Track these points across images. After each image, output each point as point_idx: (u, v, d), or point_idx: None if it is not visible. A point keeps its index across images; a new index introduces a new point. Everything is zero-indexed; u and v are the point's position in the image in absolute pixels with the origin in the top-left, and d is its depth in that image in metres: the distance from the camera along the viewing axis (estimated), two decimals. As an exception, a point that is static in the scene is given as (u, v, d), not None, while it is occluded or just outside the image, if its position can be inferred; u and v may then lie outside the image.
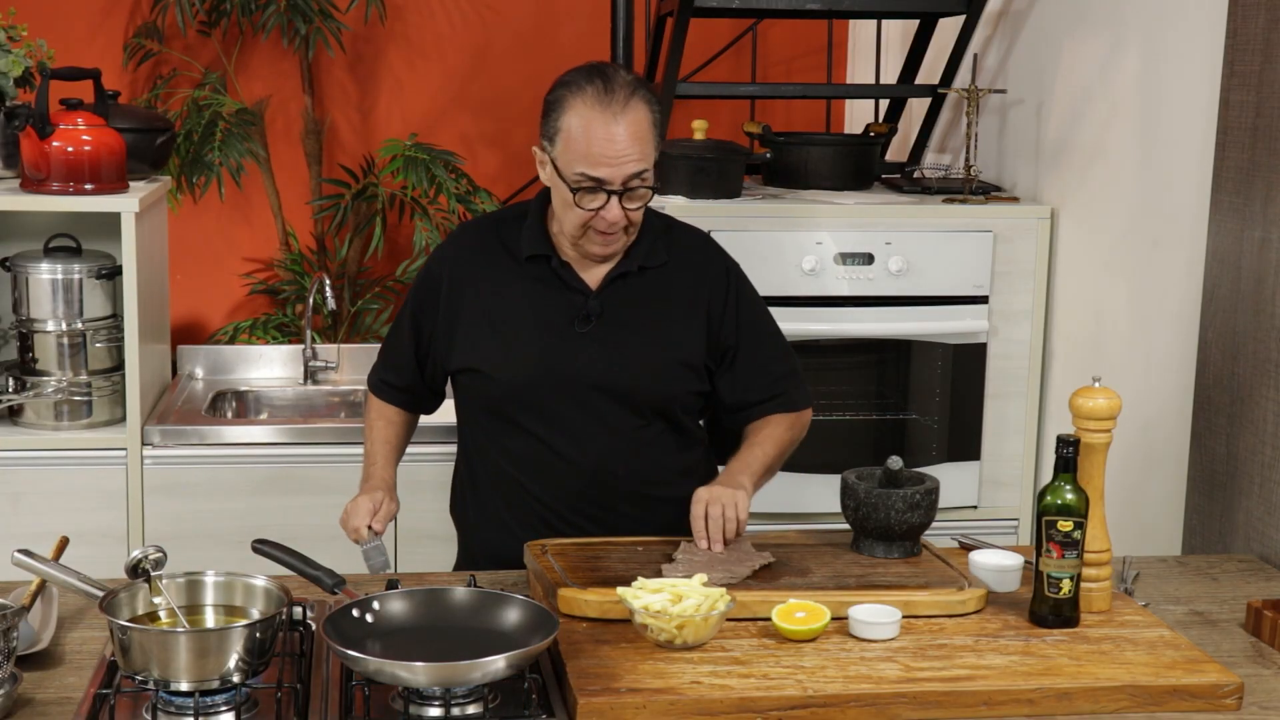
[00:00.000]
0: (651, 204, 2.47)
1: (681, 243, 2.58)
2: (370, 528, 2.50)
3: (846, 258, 3.53)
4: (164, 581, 1.98)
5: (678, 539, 2.40)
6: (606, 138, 2.34)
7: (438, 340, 2.56)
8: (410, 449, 3.56)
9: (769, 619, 2.10)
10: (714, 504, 2.35)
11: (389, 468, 2.64)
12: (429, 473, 3.57)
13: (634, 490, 2.53)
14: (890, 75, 4.39)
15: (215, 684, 1.84)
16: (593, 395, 2.49)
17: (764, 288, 3.39)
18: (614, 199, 2.37)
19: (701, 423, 2.67)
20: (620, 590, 2.08)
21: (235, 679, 1.85)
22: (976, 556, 2.33)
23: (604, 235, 2.42)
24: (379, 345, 4.32)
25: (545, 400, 2.49)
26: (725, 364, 2.57)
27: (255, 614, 1.98)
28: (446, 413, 2.73)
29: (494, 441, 2.55)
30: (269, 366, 4.21)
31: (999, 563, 2.30)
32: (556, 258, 2.49)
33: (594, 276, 2.51)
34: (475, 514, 2.62)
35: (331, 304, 4.11)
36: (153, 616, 1.96)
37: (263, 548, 2.27)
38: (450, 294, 2.53)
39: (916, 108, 4.28)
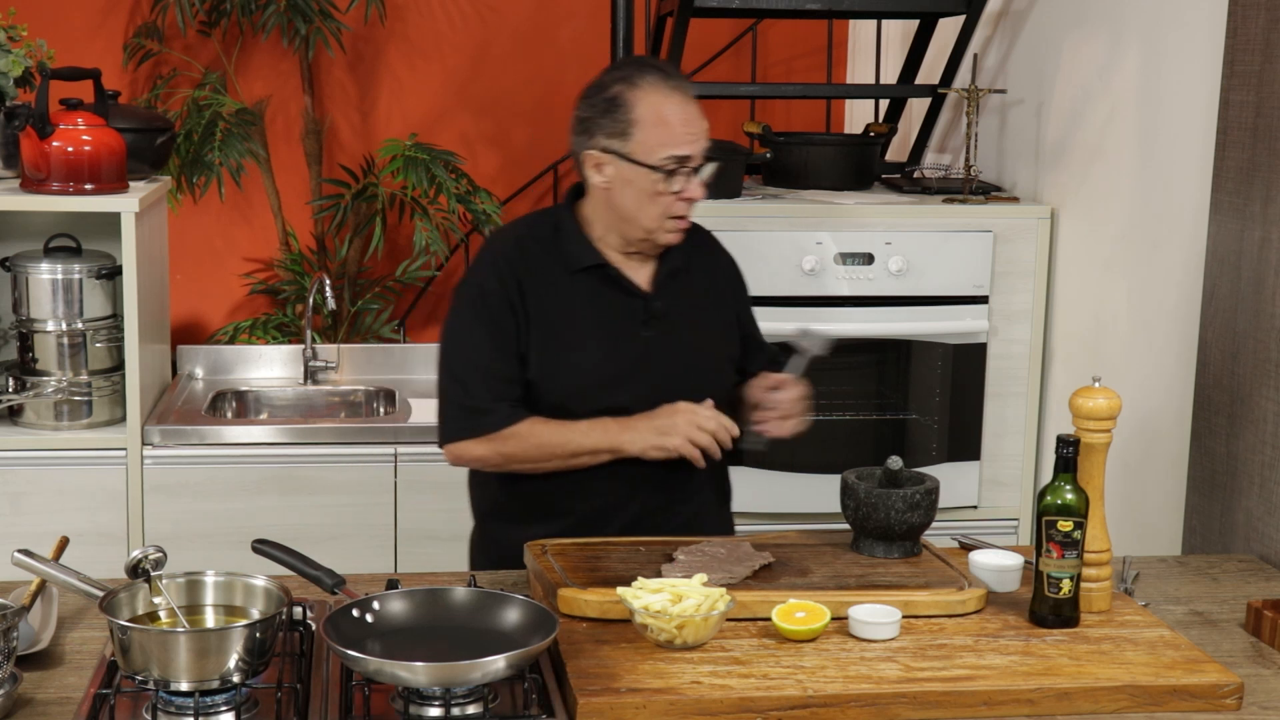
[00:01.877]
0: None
1: (693, 240, 2.61)
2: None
3: (846, 258, 3.53)
4: (164, 581, 1.98)
5: (677, 540, 2.40)
6: (685, 117, 2.43)
7: (522, 346, 2.49)
8: (412, 449, 3.59)
9: (769, 619, 2.10)
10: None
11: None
12: (430, 473, 3.57)
13: (704, 477, 2.56)
14: (890, 75, 4.39)
15: (215, 684, 1.84)
16: (660, 394, 2.49)
17: (764, 288, 3.41)
18: (694, 175, 2.45)
19: None
20: (620, 590, 2.08)
21: (235, 679, 1.85)
22: (976, 556, 2.33)
23: (680, 220, 2.47)
24: (379, 346, 4.30)
25: (617, 403, 2.48)
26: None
27: (255, 614, 1.98)
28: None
29: None
30: (269, 366, 4.21)
31: (999, 563, 2.30)
32: (610, 266, 2.51)
33: (644, 279, 2.54)
34: (520, 510, 2.56)
35: (331, 304, 4.10)
36: (153, 616, 1.96)
37: (263, 548, 2.27)
38: (519, 304, 2.48)
39: (916, 108, 4.28)
